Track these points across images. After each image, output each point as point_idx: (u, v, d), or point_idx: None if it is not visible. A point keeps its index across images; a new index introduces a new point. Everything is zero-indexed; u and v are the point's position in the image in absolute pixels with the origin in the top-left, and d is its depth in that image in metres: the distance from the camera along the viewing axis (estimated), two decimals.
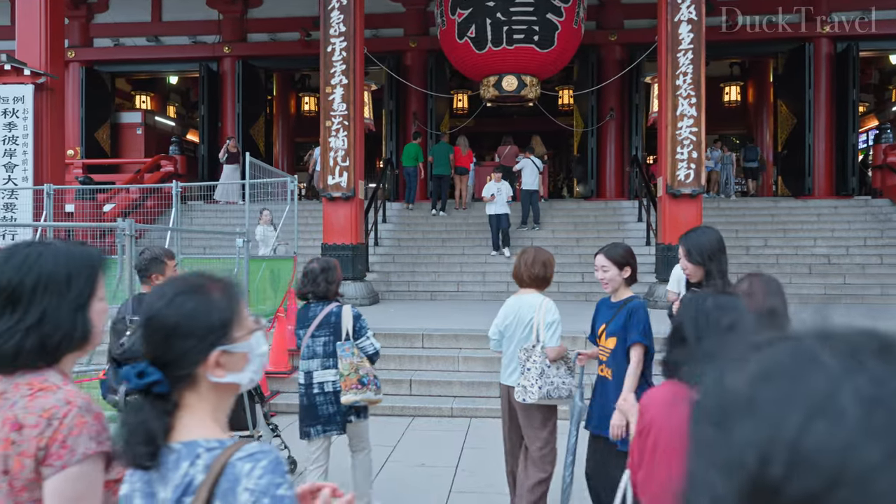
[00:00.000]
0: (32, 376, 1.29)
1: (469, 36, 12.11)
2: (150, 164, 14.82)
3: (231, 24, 16.48)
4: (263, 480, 1.06)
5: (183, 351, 1.16)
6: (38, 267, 1.31)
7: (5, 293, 1.30)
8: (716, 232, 3.14)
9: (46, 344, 1.30)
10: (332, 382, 3.63)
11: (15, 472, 1.22)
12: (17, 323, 1.29)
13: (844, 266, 11.17)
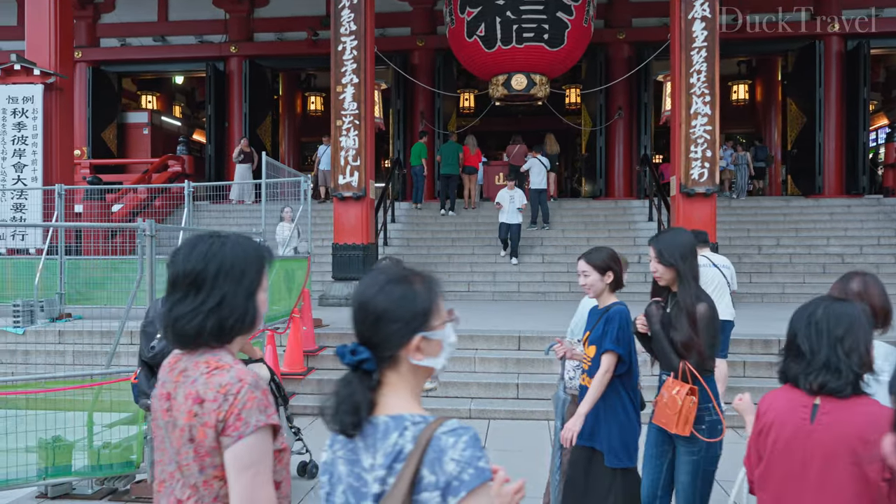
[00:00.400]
0: (209, 355, 1.45)
1: (478, 35, 12.05)
2: (157, 164, 14.79)
3: (238, 24, 16.43)
4: (467, 453, 1.19)
5: (389, 334, 1.28)
6: (220, 256, 1.46)
7: (189, 278, 1.45)
8: (689, 234, 3.00)
9: (223, 326, 1.45)
10: None
11: (200, 441, 1.38)
12: (199, 305, 1.44)
13: (859, 266, 11.06)
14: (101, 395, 4.10)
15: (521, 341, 6.96)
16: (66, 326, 7.76)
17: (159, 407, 1.47)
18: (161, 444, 1.48)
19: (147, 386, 3.29)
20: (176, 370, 1.47)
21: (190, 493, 1.42)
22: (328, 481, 1.34)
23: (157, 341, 3.22)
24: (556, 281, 11.20)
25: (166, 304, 1.50)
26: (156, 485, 1.50)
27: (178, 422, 1.41)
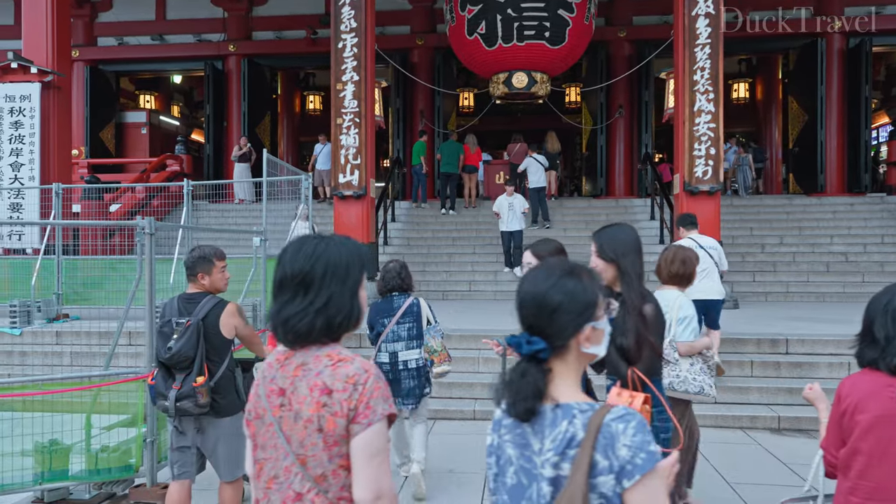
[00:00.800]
0: (328, 349, 1.52)
1: (479, 32, 11.96)
2: (156, 164, 14.68)
3: (236, 23, 16.33)
4: (637, 438, 1.26)
5: (564, 325, 1.35)
6: (325, 257, 1.53)
7: (298, 279, 1.51)
8: (633, 230, 2.78)
9: (331, 324, 1.51)
10: (416, 360, 4.33)
11: (329, 430, 1.44)
12: (308, 305, 1.50)
13: (862, 264, 11.01)
14: (99, 396, 4.00)
15: None
16: (63, 327, 7.66)
17: (266, 404, 1.52)
18: (269, 441, 1.52)
19: (165, 387, 3.20)
20: (290, 365, 1.52)
21: (311, 486, 1.46)
22: (496, 463, 1.43)
23: (174, 341, 3.16)
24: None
25: (275, 304, 1.55)
26: (261, 481, 1.53)
27: (303, 413, 1.46)
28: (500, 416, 1.46)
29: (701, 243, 6.15)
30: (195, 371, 3.14)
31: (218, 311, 3.26)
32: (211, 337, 3.23)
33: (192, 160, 16.03)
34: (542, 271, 1.42)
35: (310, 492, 1.46)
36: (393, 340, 4.33)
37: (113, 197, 12.72)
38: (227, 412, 3.27)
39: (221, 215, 13.64)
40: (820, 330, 7.07)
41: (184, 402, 3.12)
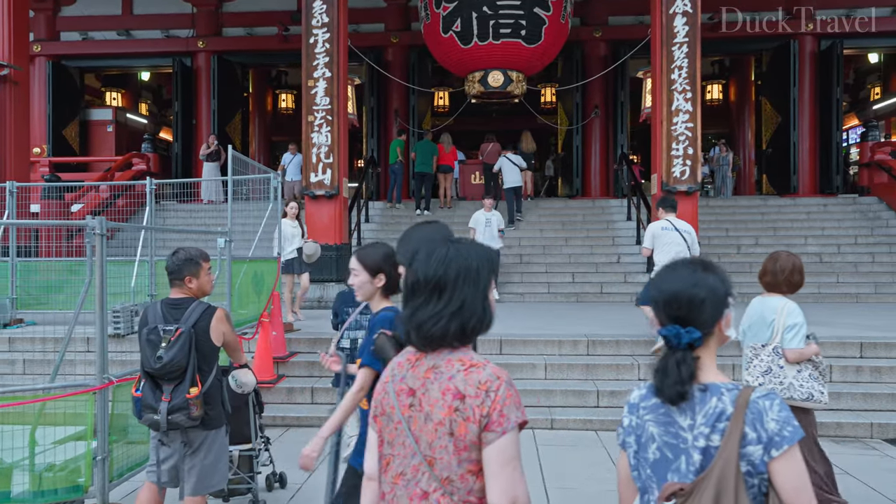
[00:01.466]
0: (460, 353, 1.52)
1: (454, 30, 11.76)
2: (120, 163, 14.23)
3: (205, 18, 15.92)
4: (783, 414, 1.42)
5: (712, 314, 1.50)
6: (458, 261, 1.54)
7: (431, 283, 1.53)
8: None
9: (465, 328, 1.52)
10: None
11: (460, 435, 1.44)
12: (442, 309, 1.51)
13: (837, 265, 11.04)
14: (45, 408, 3.71)
15: (503, 344, 6.68)
16: (16, 333, 7.28)
17: (395, 402, 1.54)
18: (397, 439, 1.54)
19: (153, 400, 2.98)
20: (422, 367, 1.53)
21: (437, 486, 1.47)
22: (636, 441, 1.57)
23: (164, 350, 2.95)
24: (534, 282, 10.96)
25: (407, 309, 1.57)
26: (388, 476, 1.55)
27: (434, 416, 1.47)
28: (636, 400, 1.60)
29: (677, 226, 6.44)
30: (187, 382, 2.97)
31: (208, 318, 3.07)
32: (201, 345, 3.05)
33: (159, 159, 15.59)
34: (682, 269, 1.56)
35: (436, 492, 1.48)
36: (356, 328, 4.30)
37: (75, 196, 12.27)
38: (215, 424, 3.12)
39: (189, 216, 13.23)
40: None
41: (176, 416, 2.95)
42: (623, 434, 1.61)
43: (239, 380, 3.56)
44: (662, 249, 6.35)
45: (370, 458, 1.62)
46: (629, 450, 1.59)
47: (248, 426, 3.95)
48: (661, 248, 6.37)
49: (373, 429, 1.61)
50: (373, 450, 1.61)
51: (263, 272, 6.84)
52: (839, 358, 6.34)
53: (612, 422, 5.56)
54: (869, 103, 19.02)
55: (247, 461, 4.00)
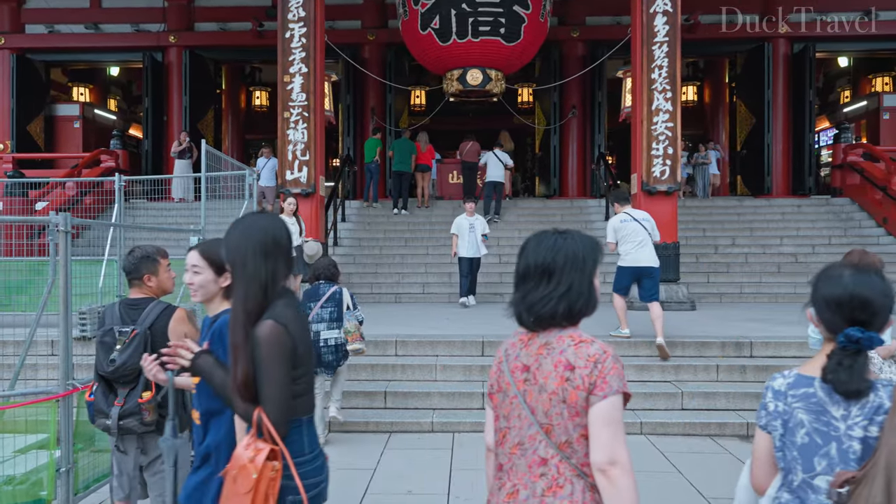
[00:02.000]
0: (570, 331, 1.67)
1: (433, 27, 11.61)
2: (88, 159, 13.79)
3: (177, 12, 15.55)
4: None
5: (884, 318, 1.66)
6: (566, 249, 1.69)
7: (541, 269, 1.68)
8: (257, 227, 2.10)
9: (572, 309, 1.66)
10: (335, 339, 5.05)
11: (571, 402, 1.58)
12: (551, 292, 1.66)
13: (812, 265, 11.12)
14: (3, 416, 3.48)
15: (485, 346, 6.56)
16: None
17: (510, 378, 1.68)
18: (513, 412, 1.67)
19: (105, 404, 2.83)
20: (534, 345, 1.68)
21: (555, 452, 1.61)
22: (782, 425, 1.71)
23: (118, 353, 2.81)
24: (513, 282, 10.84)
25: (518, 292, 1.72)
26: (505, 448, 1.68)
27: (548, 387, 1.61)
28: (782, 387, 1.73)
29: (634, 216, 6.80)
30: (140, 385, 2.81)
31: (166, 318, 2.89)
32: (158, 346, 2.77)
33: (128, 156, 15.17)
34: (856, 274, 1.68)
35: (553, 458, 1.61)
36: (317, 321, 5.02)
37: (40, 194, 11.86)
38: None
39: (160, 214, 12.88)
40: (781, 332, 6.98)
41: (127, 420, 2.81)
42: (767, 417, 1.75)
43: None
44: (625, 240, 6.74)
45: (489, 433, 1.79)
46: (774, 433, 1.74)
47: None
48: (623, 239, 6.75)
49: (489, 406, 1.79)
50: (490, 424, 1.78)
51: None
52: None
53: None
54: (839, 106, 19.31)
55: None
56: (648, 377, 6.11)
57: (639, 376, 6.13)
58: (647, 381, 6.09)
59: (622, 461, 1.55)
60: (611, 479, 1.54)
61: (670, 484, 4.34)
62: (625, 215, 6.82)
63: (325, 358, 5.02)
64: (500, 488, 1.68)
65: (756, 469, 1.80)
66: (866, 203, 12.74)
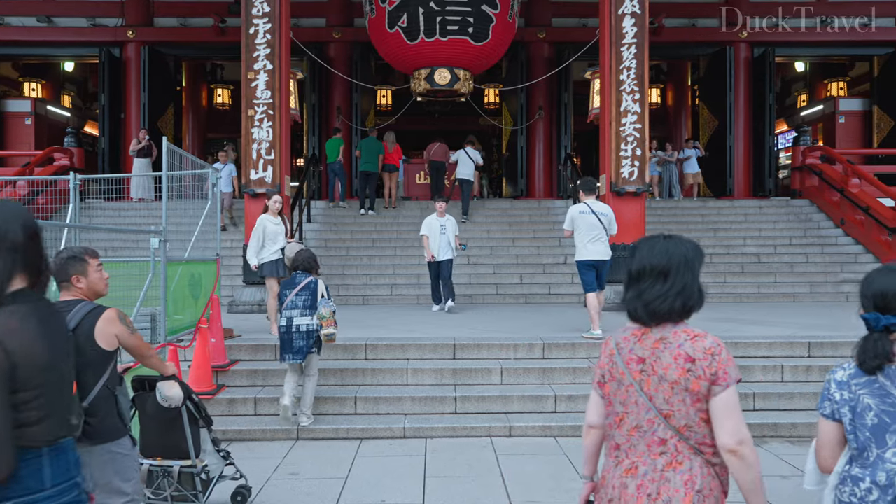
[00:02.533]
0: (682, 326, 1.87)
1: (400, 26, 11.49)
2: (40, 157, 13.28)
3: (135, 7, 15.09)
4: None
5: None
6: (677, 252, 1.89)
7: (657, 270, 1.87)
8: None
9: (686, 305, 1.86)
10: (306, 325, 5.24)
11: (693, 391, 1.78)
12: (667, 291, 1.85)
13: (774, 265, 11.32)
14: None
15: (456, 349, 6.45)
16: None
17: (624, 369, 1.88)
18: (629, 399, 1.87)
19: None
20: (649, 339, 1.87)
21: (673, 434, 1.81)
22: (850, 411, 1.97)
23: None
24: (482, 283, 10.79)
25: (633, 291, 1.90)
26: (623, 430, 1.88)
27: (669, 377, 1.80)
28: (844, 378, 2.00)
29: (594, 209, 6.94)
30: None
31: (93, 319, 2.72)
32: (85, 349, 2.69)
33: (84, 154, 14.65)
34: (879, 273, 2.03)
35: (672, 438, 1.81)
36: (291, 308, 5.28)
37: None
38: (103, 437, 2.74)
39: (118, 215, 12.46)
40: (748, 332, 7.05)
41: None
42: (832, 406, 2.01)
43: (163, 393, 3.30)
44: (581, 231, 6.94)
45: (591, 412, 2.03)
46: (844, 419, 1.98)
47: (184, 441, 3.56)
48: (579, 229, 6.95)
49: (596, 392, 2.00)
50: (594, 406, 2.01)
51: (201, 274, 6.39)
52: (789, 358, 6.40)
53: (571, 427, 5.40)
54: (796, 110, 19.77)
55: (188, 478, 3.62)
56: None
57: None
58: None
59: (747, 439, 1.76)
60: (741, 457, 1.75)
61: None
62: (585, 206, 6.98)
63: (296, 344, 5.24)
64: (618, 465, 1.88)
65: (822, 451, 2.05)
66: (824, 204, 13.04)
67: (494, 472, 4.56)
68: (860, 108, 16.74)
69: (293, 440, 5.33)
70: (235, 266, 10.65)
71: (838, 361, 6.25)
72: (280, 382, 6.02)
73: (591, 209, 6.95)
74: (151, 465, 3.63)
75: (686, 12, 15.59)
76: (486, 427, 5.41)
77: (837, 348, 6.51)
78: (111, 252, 10.41)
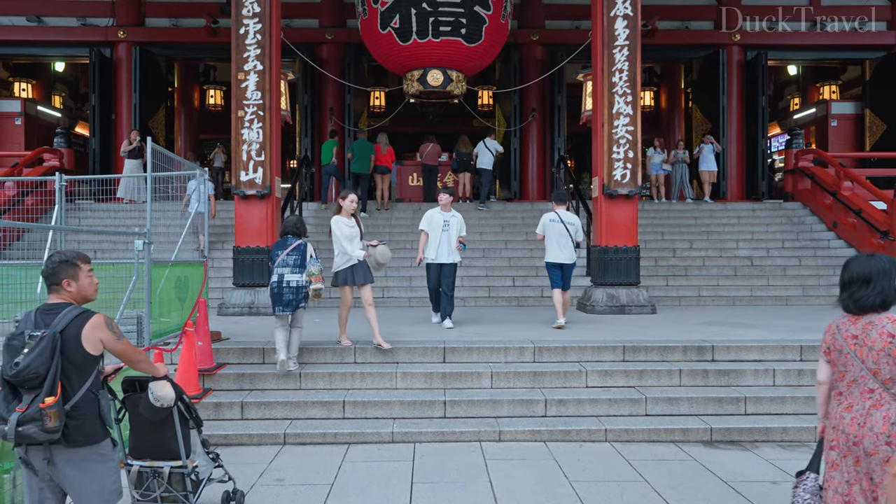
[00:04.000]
0: (885, 314, 2.72)
1: (393, 27, 11.43)
2: (29, 158, 13.16)
3: (126, 7, 15.01)
4: None
5: None
6: (877, 265, 2.75)
7: (862, 278, 2.75)
8: None
9: (885, 301, 2.71)
10: (296, 281, 5.90)
11: (894, 355, 2.62)
12: (870, 291, 2.72)
13: (767, 268, 11.30)
14: None
15: (447, 353, 6.39)
16: None
17: (843, 342, 2.75)
18: (848, 363, 2.74)
19: (6, 410, 2.66)
20: (859, 323, 2.73)
21: (879, 385, 2.65)
22: None
23: (24, 356, 2.64)
24: (475, 286, 10.74)
25: (846, 293, 2.78)
26: (843, 383, 2.76)
27: (876, 346, 2.65)
28: None
29: (563, 218, 7.72)
30: (45, 391, 2.64)
31: (80, 323, 2.76)
32: (70, 352, 2.73)
33: (75, 155, 14.52)
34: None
35: (877, 388, 2.65)
36: (282, 266, 5.94)
37: None
38: (83, 441, 2.75)
39: (107, 216, 12.37)
40: (741, 335, 7.01)
41: (27, 427, 2.61)
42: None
43: (155, 393, 3.30)
44: (550, 236, 7.77)
45: (821, 373, 2.88)
46: None
47: (175, 441, 3.55)
48: (549, 235, 7.79)
49: (823, 359, 2.87)
50: (823, 369, 2.87)
51: (188, 277, 6.31)
52: (781, 361, 6.36)
53: (560, 432, 5.35)
54: (789, 113, 19.80)
55: (179, 478, 3.62)
56: (612, 382, 6.03)
57: (602, 381, 6.05)
58: (610, 386, 6.02)
59: None
60: None
61: (636, 493, 4.25)
62: (554, 215, 7.76)
63: (286, 297, 5.88)
64: (839, 404, 2.75)
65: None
66: (817, 207, 13.04)
67: (483, 478, 4.50)
68: (852, 111, 16.77)
69: (280, 445, 5.26)
70: (226, 268, 10.58)
71: None
72: (268, 387, 5.96)
73: (560, 218, 7.71)
74: (141, 466, 3.64)
75: (679, 15, 15.60)
76: (475, 431, 5.35)
77: None
78: (100, 254, 10.32)
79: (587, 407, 5.71)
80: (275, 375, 5.99)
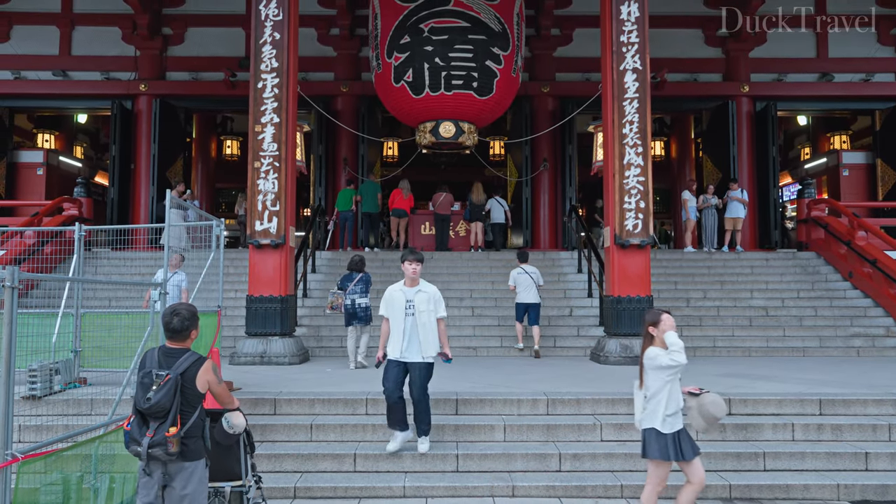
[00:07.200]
0: None
1: (406, 80, 11.71)
2: (50, 207, 13.40)
3: (149, 61, 15.49)
4: None
5: None
6: None
7: None
8: None
9: None
10: (363, 303, 8.79)
11: None
12: None
13: (782, 318, 11.17)
14: None
15: (459, 404, 6.32)
16: None
17: None
18: None
19: (139, 434, 3.36)
20: None
21: None
22: None
23: (154, 393, 3.33)
24: (487, 335, 10.67)
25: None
26: None
27: None
28: None
29: (527, 271, 10.13)
30: (169, 421, 3.34)
31: (196, 368, 3.47)
32: (186, 390, 3.43)
33: (94, 204, 14.80)
34: None
35: None
36: (352, 293, 8.71)
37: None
38: (193, 457, 3.46)
39: (124, 265, 12.49)
40: (758, 388, 6.89)
41: (155, 450, 3.33)
42: None
43: (231, 421, 3.79)
44: (519, 285, 10.12)
45: None
46: None
47: (238, 464, 4.07)
48: (518, 285, 10.13)
49: None
50: None
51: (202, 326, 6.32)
52: (800, 415, 6.23)
53: (575, 488, 5.24)
54: (800, 162, 19.88)
55: (237, 497, 4.11)
56: (628, 436, 5.93)
57: (617, 435, 5.95)
58: (626, 440, 5.91)
59: None
60: None
61: None
62: (521, 269, 10.17)
63: (359, 315, 8.73)
64: None
65: None
66: (831, 257, 12.96)
67: None
68: (863, 160, 16.81)
69: (290, 498, 5.18)
70: (238, 317, 10.60)
71: (851, 420, 6.11)
72: (278, 439, 5.92)
73: (525, 271, 10.14)
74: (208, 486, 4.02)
75: (688, 67, 15.87)
76: (488, 486, 5.25)
77: (850, 406, 6.35)
78: (114, 303, 10.38)
79: (602, 462, 5.60)
80: (285, 426, 5.94)
